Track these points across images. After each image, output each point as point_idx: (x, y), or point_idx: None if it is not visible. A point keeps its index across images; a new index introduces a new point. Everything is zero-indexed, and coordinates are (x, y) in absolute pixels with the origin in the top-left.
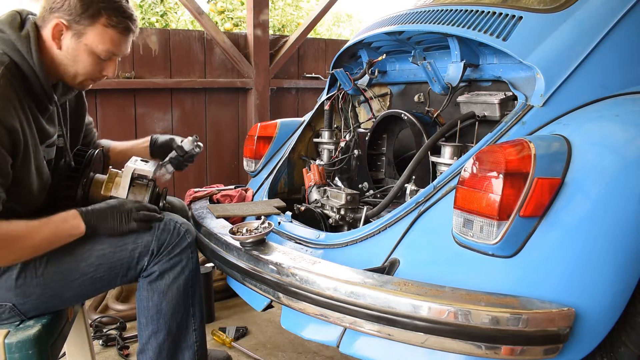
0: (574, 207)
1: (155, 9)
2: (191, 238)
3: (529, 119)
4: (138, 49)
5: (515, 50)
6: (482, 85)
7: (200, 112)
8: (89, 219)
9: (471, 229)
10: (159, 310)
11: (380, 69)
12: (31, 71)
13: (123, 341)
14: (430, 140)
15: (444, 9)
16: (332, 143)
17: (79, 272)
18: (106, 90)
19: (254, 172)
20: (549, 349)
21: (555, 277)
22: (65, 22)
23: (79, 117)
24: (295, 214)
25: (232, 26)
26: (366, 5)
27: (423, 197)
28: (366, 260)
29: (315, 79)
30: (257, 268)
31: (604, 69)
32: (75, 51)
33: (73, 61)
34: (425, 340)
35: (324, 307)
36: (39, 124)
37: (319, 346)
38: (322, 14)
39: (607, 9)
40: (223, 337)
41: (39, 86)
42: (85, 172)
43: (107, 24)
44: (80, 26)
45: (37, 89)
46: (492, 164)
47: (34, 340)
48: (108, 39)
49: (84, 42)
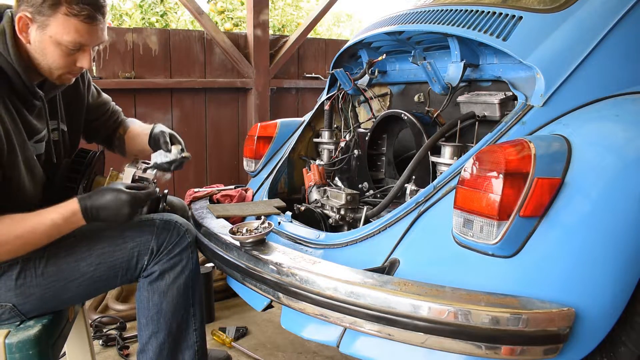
0: (574, 207)
1: (155, 9)
2: (191, 238)
3: (529, 119)
4: (138, 49)
5: (515, 50)
6: (482, 85)
7: (200, 112)
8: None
9: (471, 229)
10: (159, 310)
11: (380, 69)
12: (9, 67)
13: (123, 341)
14: (430, 140)
15: (444, 9)
16: (332, 143)
17: (79, 271)
18: (106, 90)
19: (254, 172)
20: (549, 349)
21: (555, 277)
22: (29, 15)
23: (78, 109)
24: (295, 214)
25: (232, 26)
26: (366, 5)
27: (423, 197)
28: (366, 260)
29: (315, 79)
30: (257, 268)
31: (604, 69)
32: (42, 44)
33: (42, 55)
34: (425, 340)
35: (324, 307)
36: (25, 120)
37: (319, 346)
38: (322, 14)
39: (607, 9)
40: (223, 337)
41: (20, 82)
42: (87, 173)
43: (69, 12)
44: (43, 17)
45: (19, 85)
46: (492, 164)
47: (34, 340)
48: (72, 29)
49: (49, 34)
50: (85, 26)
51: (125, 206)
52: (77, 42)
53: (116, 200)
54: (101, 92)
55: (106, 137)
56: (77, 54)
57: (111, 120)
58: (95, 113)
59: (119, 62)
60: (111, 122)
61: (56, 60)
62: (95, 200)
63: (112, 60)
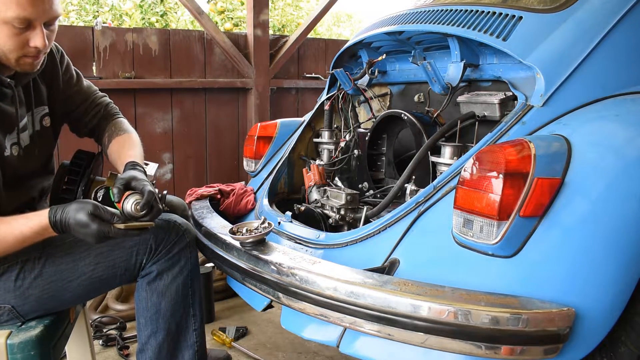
0: (574, 207)
1: (155, 9)
2: (190, 238)
3: (529, 119)
4: (138, 49)
5: (515, 50)
6: (482, 85)
7: (200, 112)
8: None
9: (471, 229)
10: (157, 310)
11: (380, 69)
12: None
13: (123, 341)
14: (430, 140)
15: (444, 9)
16: (332, 143)
17: (77, 272)
18: (106, 90)
19: (254, 172)
20: (549, 349)
21: (555, 277)
22: None
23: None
24: (295, 214)
25: (232, 26)
26: (366, 5)
27: (423, 197)
28: (366, 260)
29: (315, 79)
30: (257, 268)
31: (604, 69)
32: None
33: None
34: (425, 340)
35: (324, 307)
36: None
37: (319, 346)
38: (322, 14)
39: (607, 9)
40: (223, 337)
41: None
42: (85, 174)
43: None
44: None
45: None
46: (492, 164)
47: (36, 341)
48: (13, 3)
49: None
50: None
51: (89, 237)
52: (22, 17)
53: (83, 227)
54: (82, 79)
55: (90, 130)
56: (27, 33)
57: (93, 112)
58: (73, 102)
59: (119, 62)
60: (93, 113)
61: (7, 42)
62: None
63: (112, 60)
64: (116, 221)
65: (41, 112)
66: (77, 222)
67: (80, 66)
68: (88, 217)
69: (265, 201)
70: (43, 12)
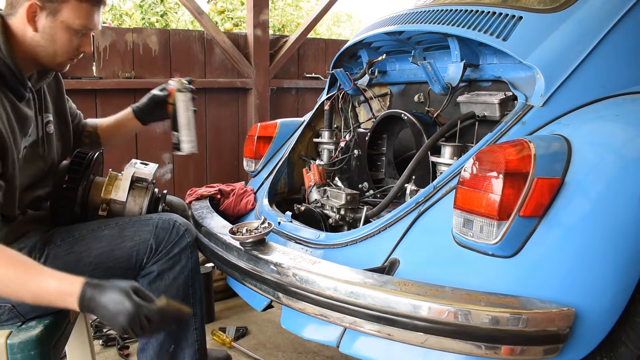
0: (574, 207)
1: (155, 9)
2: (190, 238)
3: (529, 119)
4: (138, 49)
5: (515, 50)
6: (482, 85)
7: (200, 112)
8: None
9: (471, 229)
10: None
11: (380, 69)
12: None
13: (123, 341)
14: (430, 140)
15: (444, 9)
16: (332, 143)
17: (78, 272)
18: (106, 90)
19: (254, 172)
20: (548, 349)
21: (555, 277)
22: (39, 3)
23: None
24: (295, 214)
25: (232, 26)
26: (366, 5)
27: (423, 197)
28: (366, 260)
29: (315, 79)
30: (257, 268)
31: (604, 69)
32: (52, 30)
33: (51, 41)
34: (425, 340)
35: (324, 307)
36: (19, 113)
37: (319, 346)
38: (322, 14)
39: (607, 9)
40: (223, 337)
41: (12, 75)
42: (85, 174)
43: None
44: (54, 4)
45: (10, 78)
46: (492, 164)
47: (36, 341)
48: (83, 13)
49: (60, 20)
50: (93, 10)
51: (122, 315)
52: (85, 25)
53: (117, 304)
54: None
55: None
56: (81, 39)
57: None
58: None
59: (119, 62)
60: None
61: (64, 45)
62: (97, 294)
63: (112, 60)
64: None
65: (46, 118)
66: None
67: (80, 66)
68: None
69: (265, 201)
70: (97, 23)
